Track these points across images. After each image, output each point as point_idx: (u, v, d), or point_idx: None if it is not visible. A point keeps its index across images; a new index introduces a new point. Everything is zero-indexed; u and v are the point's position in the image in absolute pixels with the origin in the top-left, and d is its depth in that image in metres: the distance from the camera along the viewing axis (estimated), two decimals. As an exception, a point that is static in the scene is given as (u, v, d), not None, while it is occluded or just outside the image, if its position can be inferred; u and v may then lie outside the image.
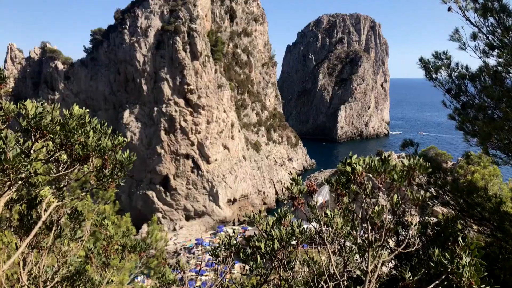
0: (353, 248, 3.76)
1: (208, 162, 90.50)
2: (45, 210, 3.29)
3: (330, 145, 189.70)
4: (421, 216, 8.19)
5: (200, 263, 68.86)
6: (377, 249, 3.37)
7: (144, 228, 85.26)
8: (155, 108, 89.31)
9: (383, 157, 4.02)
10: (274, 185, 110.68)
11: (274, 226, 4.09)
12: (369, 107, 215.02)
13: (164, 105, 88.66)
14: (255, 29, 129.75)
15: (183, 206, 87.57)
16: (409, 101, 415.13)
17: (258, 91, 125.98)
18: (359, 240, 3.70)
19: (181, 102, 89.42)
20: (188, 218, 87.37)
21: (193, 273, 63.84)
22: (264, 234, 4.10)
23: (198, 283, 60.82)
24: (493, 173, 13.10)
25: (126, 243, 4.03)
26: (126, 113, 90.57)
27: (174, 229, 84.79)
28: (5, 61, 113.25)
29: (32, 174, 2.93)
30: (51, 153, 3.11)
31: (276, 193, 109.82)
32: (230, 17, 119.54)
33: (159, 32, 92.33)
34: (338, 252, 4.00)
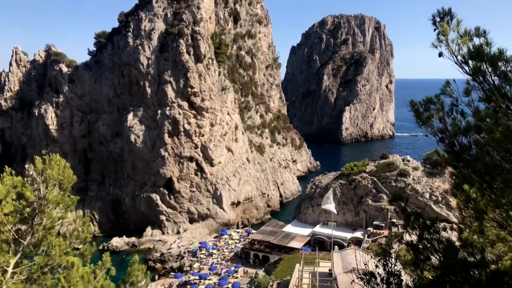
0: None
1: (211, 165, 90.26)
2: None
3: (335, 147, 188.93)
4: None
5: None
6: None
7: (148, 231, 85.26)
8: (159, 111, 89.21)
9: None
10: (278, 187, 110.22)
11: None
12: (374, 108, 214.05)
13: (168, 108, 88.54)
14: (259, 31, 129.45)
15: (187, 208, 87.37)
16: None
17: (262, 93, 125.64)
18: None
19: (185, 104, 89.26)
20: (192, 221, 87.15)
21: (196, 277, 63.70)
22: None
23: (202, 287, 60.59)
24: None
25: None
26: (130, 116, 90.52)
27: (178, 232, 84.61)
28: (10, 64, 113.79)
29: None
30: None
31: (280, 195, 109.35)
32: (234, 19, 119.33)
33: (163, 35, 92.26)
34: None
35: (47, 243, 7.15)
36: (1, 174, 8.22)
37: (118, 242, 79.85)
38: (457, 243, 7.54)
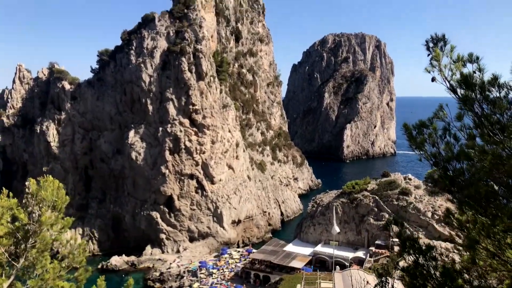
0: None
1: (212, 183, 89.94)
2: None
3: (336, 165, 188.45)
4: None
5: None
6: None
7: (148, 249, 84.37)
8: (160, 128, 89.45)
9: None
10: (279, 205, 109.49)
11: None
12: (375, 126, 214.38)
13: (169, 125, 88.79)
14: (260, 49, 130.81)
15: (187, 227, 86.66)
16: (416, 120, 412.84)
17: (263, 110, 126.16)
18: None
19: (186, 122, 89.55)
20: (192, 239, 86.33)
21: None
22: None
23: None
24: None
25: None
26: (132, 133, 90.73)
27: (178, 251, 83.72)
28: (14, 81, 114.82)
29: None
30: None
31: (281, 213, 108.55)
32: (236, 37, 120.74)
33: (165, 53, 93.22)
34: None
35: (41, 267, 7.04)
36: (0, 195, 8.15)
37: (117, 261, 78.99)
38: (457, 266, 7.38)
